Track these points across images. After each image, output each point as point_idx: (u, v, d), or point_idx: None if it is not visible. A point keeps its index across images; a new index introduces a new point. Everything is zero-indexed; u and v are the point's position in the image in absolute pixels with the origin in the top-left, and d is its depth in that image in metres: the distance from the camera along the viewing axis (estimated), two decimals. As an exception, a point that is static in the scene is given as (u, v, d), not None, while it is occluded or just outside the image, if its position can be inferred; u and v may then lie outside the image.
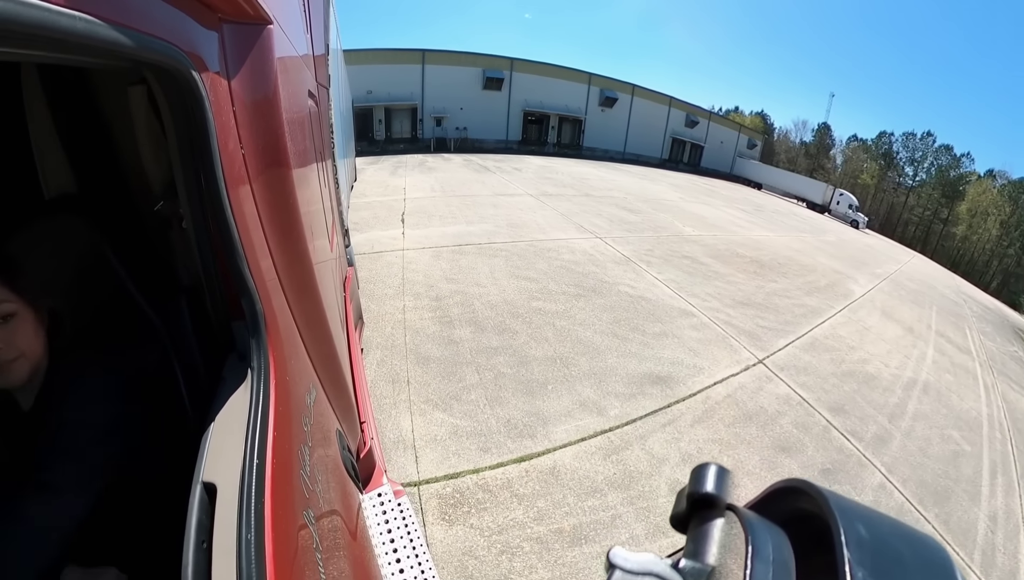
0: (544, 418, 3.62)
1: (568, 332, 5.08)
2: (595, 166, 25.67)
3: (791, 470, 3.90)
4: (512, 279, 6.43)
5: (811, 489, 0.35)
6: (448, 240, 8.03)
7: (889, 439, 4.83)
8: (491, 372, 4.15)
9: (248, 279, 0.82)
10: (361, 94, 24.77)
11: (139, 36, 0.52)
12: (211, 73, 0.72)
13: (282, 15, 1.08)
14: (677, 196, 18.74)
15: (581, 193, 15.12)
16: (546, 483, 3.01)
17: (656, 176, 26.31)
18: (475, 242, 8.09)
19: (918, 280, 15.62)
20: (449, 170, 18.17)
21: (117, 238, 1.15)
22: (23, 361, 0.85)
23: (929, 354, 7.70)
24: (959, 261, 43.66)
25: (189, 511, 0.61)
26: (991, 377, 8.08)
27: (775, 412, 4.58)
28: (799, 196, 31.50)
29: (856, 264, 13.77)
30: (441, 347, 4.47)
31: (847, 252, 15.76)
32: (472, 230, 8.88)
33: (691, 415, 4.06)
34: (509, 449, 3.25)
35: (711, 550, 0.36)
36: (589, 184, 17.66)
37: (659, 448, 3.53)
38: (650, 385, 4.33)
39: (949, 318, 11.59)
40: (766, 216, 19.36)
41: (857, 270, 12.76)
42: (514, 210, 11.15)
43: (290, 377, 0.95)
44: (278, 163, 0.98)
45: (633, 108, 33.29)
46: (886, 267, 15.11)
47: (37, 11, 0.37)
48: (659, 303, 6.43)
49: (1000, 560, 3.52)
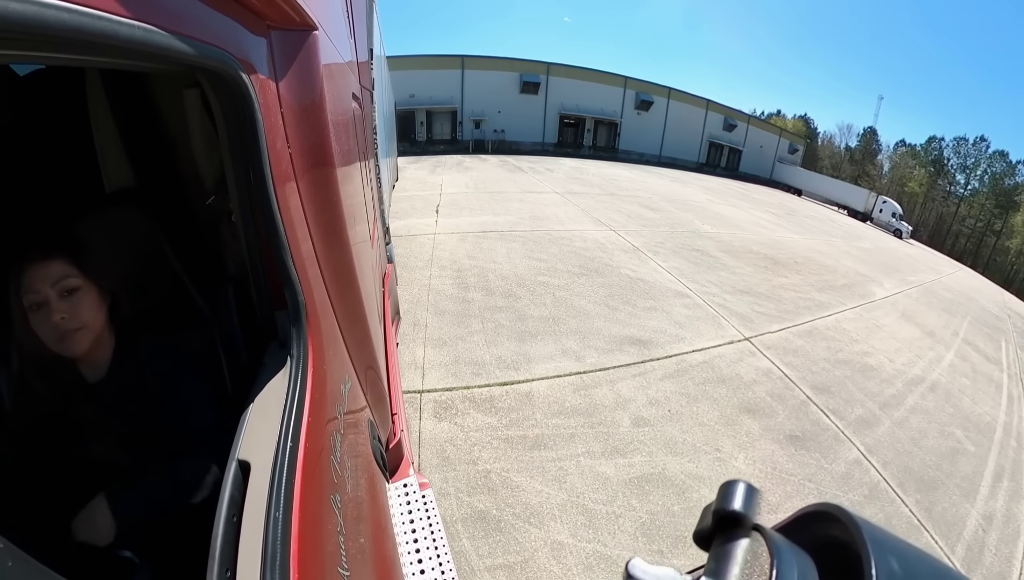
0: (529, 358, 4.37)
1: (565, 300, 5.79)
2: (627, 168, 25.97)
3: (751, 429, 4.17)
4: (524, 259, 7.22)
5: (844, 516, 0.34)
6: (474, 227, 8.94)
7: (876, 423, 4.77)
8: (492, 323, 4.96)
9: (292, 271, 0.85)
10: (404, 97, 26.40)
11: (193, 43, 0.55)
12: (260, 77, 0.76)
13: (327, 21, 1.12)
14: (705, 197, 18.80)
15: (606, 192, 15.65)
16: (521, 402, 3.75)
17: (688, 179, 26.24)
18: (497, 230, 8.94)
19: (957, 291, 14.55)
20: (484, 170, 19.23)
21: (171, 229, 1.23)
22: (85, 332, 0.93)
23: (947, 358, 7.19)
24: (1013, 278, 39.96)
25: (223, 486, 0.65)
26: (1019, 389, 7.47)
27: (751, 380, 4.88)
28: (840, 203, 30.42)
29: (886, 270, 13.02)
30: (456, 304, 5.35)
31: (880, 259, 14.86)
32: (497, 220, 9.74)
33: (663, 371, 4.60)
34: (496, 376, 4.04)
35: (733, 571, 0.34)
36: (616, 184, 18.13)
37: (626, 391, 4.14)
38: (629, 345, 4.94)
39: (984, 330, 10.43)
40: (797, 220, 18.94)
41: (886, 275, 12.10)
42: (538, 205, 11.92)
43: (327, 366, 0.98)
44: (323, 162, 1.02)
45: (669, 111, 33.27)
46: (921, 276, 14.00)
47: (102, 22, 0.40)
48: (656, 285, 6.94)
49: (989, 560, 3.39)
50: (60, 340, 0.90)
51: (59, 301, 0.89)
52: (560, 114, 31.00)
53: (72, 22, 0.37)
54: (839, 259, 12.43)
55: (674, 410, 3.97)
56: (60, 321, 0.89)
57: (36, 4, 0.34)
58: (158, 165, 1.46)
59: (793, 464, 3.78)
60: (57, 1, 0.36)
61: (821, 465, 3.92)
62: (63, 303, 0.89)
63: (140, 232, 1.18)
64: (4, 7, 0.32)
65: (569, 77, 30.24)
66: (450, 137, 29.38)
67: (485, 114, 29.25)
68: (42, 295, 0.88)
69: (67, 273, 0.89)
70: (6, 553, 0.31)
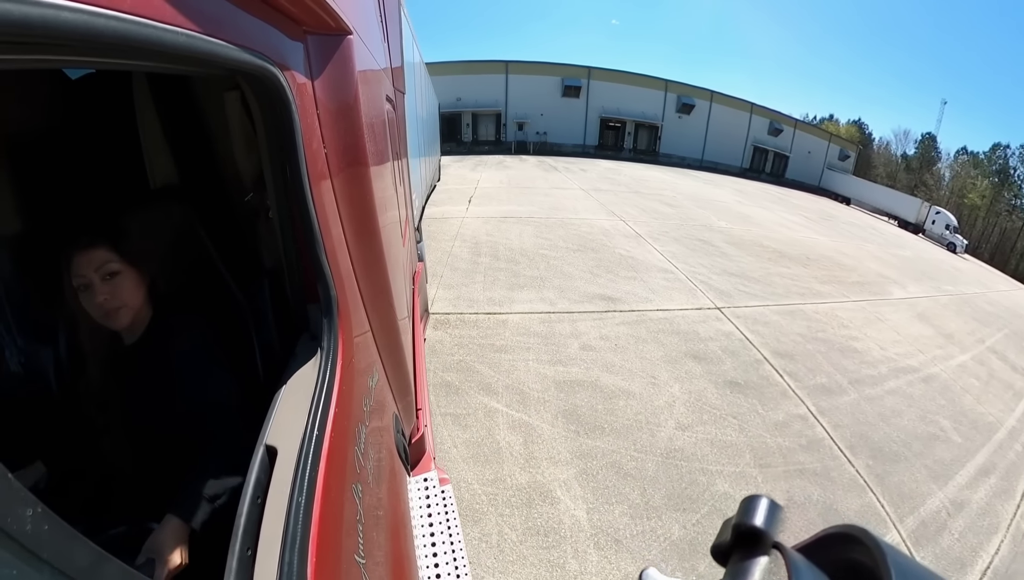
0: (512, 301, 5.55)
1: (556, 267, 6.90)
2: (662, 171, 26.22)
3: (691, 369, 4.49)
4: (532, 238, 8.40)
5: (869, 540, 0.33)
6: (498, 214, 10.25)
7: (839, 393, 4.69)
8: (492, 278, 6.22)
9: (325, 266, 0.89)
10: (451, 101, 28.37)
11: (234, 48, 0.59)
12: (297, 80, 0.79)
13: (361, 26, 1.16)
14: (733, 199, 18.83)
15: (631, 190, 16.40)
16: (497, 326, 4.93)
17: (725, 182, 26.01)
18: (517, 216, 10.16)
19: (1003, 307, 11.68)
20: (521, 169, 20.57)
21: (211, 224, 1.30)
22: (126, 310, 1.06)
23: (960, 359, 6.54)
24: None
25: (250, 469, 0.69)
26: (1042, 403, 6.54)
27: (707, 337, 5.19)
28: (890, 213, 28.97)
29: (919, 277, 11.85)
30: (467, 265, 6.68)
31: (917, 267, 13.45)
32: (519, 209, 10.95)
33: (621, 319, 5.44)
34: (484, 308, 5.28)
35: None
36: (645, 184, 18.73)
37: (583, 328, 5.11)
38: (599, 300, 5.91)
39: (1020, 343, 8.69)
40: (832, 225, 18.22)
41: (916, 281, 10.98)
42: (561, 199, 13.02)
43: (356, 359, 1.03)
44: (357, 162, 1.07)
45: (711, 114, 33.14)
46: (963, 288, 12.25)
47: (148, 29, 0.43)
48: (643, 262, 7.77)
49: (947, 542, 3.25)
50: (104, 317, 1.03)
51: (102, 284, 1.00)
52: (601, 117, 31.84)
53: (120, 30, 0.40)
54: (862, 261, 11.65)
55: (620, 345, 4.87)
56: (103, 301, 1.01)
57: (87, 13, 0.37)
58: (200, 163, 1.55)
59: (723, 402, 4.10)
60: (107, 11, 0.39)
61: (755, 409, 4.13)
62: (105, 285, 1.01)
63: (181, 225, 1.26)
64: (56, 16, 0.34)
65: (610, 81, 31.03)
66: (494, 138, 31.12)
67: (528, 117, 30.72)
68: (87, 278, 0.99)
69: (108, 259, 1.01)
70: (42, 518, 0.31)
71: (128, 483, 1.09)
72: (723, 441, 3.62)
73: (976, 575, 3.03)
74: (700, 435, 3.63)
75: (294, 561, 0.59)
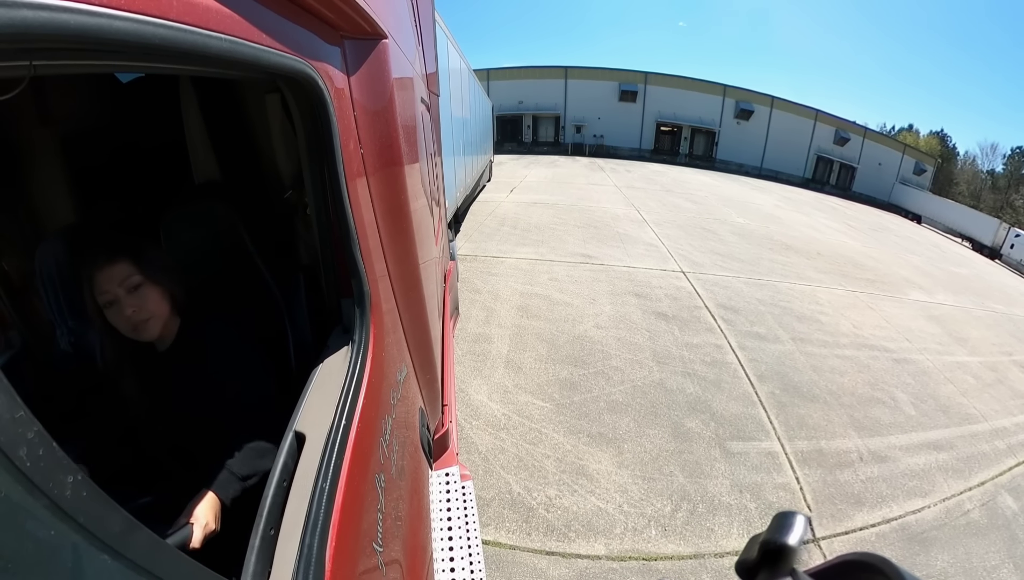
0: (514, 253, 7.50)
1: (557, 236, 8.73)
2: (712, 176, 26.04)
3: (628, 300, 5.54)
4: (550, 217, 10.28)
5: (889, 569, 0.33)
6: (530, 201, 12.23)
7: (773, 341, 4.75)
8: (505, 239, 8.29)
9: (359, 262, 0.92)
10: (513, 104, 30.76)
11: (275, 53, 0.61)
12: (335, 83, 0.83)
13: (395, 30, 1.20)
14: (773, 204, 18.42)
15: (664, 189, 17.36)
16: (496, 263, 6.89)
17: (776, 189, 25.11)
18: (544, 203, 12.06)
19: None
20: (570, 168, 22.22)
21: (251, 219, 1.35)
22: (155, 320, 1.08)
23: (960, 358, 5.86)
24: None
25: (279, 453, 0.71)
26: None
27: (657, 286, 6.20)
28: (963, 233, 26.36)
29: (960, 290, 10.07)
30: (492, 231, 8.81)
31: (965, 283, 11.36)
32: (549, 199, 12.80)
33: (588, 268, 6.98)
34: (492, 254, 7.33)
35: None
36: (682, 185, 19.36)
37: (555, 270, 6.76)
38: (579, 257, 7.60)
39: None
40: (880, 236, 16.38)
41: (951, 293, 9.37)
42: (591, 192, 14.66)
43: (386, 353, 1.05)
44: (392, 162, 1.10)
45: (772, 121, 32.06)
46: (1016, 310, 9.80)
47: (195, 36, 0.46)
48: (635, 238, 9.20)
49: (846, 478, 3.20)
50: (133, 330, 1.06)
51: (128, 296, 1.03)
52: (657, 121, 32.31)
53: (168, 37, 0.42)
54: (890, 266, 10.58)
55: (579, 280, 6.50)
56: (131, 314, 1.03)
57: (137, 22, 0.39)
58: (241, 162, 1.62)
59: (644, 322, 5.07)
60: (156, 19, 0.40)
61: (671, 331, 4.86)
62: (132, 298, 1.04)
63: (222, 220, 1.31)
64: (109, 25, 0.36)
65: (666, 86, 31.45)
66: (553, 140, 32.96)
67: (585, 120, 32.23)
68: (112, 294, 1.02)
69: (130, 272, 1.03)
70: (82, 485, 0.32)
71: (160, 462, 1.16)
72: (630, 341, 4.87)
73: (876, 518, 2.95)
74: (611, 334, 5.02)
75: (314, 544, 0.62)
